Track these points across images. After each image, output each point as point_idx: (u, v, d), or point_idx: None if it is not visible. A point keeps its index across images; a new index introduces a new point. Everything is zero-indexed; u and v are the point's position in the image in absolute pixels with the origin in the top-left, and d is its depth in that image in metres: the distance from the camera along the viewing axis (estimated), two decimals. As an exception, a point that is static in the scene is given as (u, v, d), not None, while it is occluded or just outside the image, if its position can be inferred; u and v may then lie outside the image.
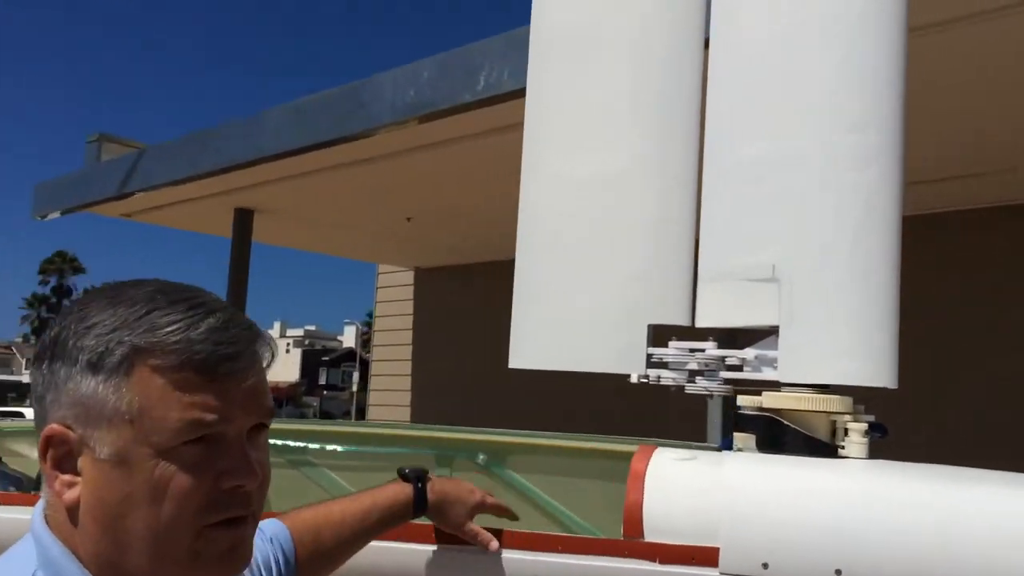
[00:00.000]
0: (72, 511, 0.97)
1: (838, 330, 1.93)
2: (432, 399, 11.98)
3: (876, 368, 1.88)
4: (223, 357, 0.96)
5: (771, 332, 2.02)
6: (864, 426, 1.90)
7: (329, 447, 2.04)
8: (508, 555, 1.67)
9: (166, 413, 0.94)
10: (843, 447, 1.90)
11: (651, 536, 1.61)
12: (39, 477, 2.12)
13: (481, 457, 1.94)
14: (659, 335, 2.14)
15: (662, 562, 1.60)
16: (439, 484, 1.70)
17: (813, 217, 1.96)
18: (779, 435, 1.92)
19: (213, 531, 0.97)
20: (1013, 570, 1.49)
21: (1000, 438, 6.42)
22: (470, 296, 11.83)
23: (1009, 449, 4.87)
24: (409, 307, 12.71)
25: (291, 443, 2.04)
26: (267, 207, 8.80)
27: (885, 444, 1.95)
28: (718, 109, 2.13)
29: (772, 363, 1.99)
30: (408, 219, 9.02)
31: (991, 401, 6.80)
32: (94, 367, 0.95)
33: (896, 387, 1.88)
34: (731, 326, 2.06)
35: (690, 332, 2.12)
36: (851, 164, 1.93)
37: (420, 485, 1.67)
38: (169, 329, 0.96)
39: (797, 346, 1.94)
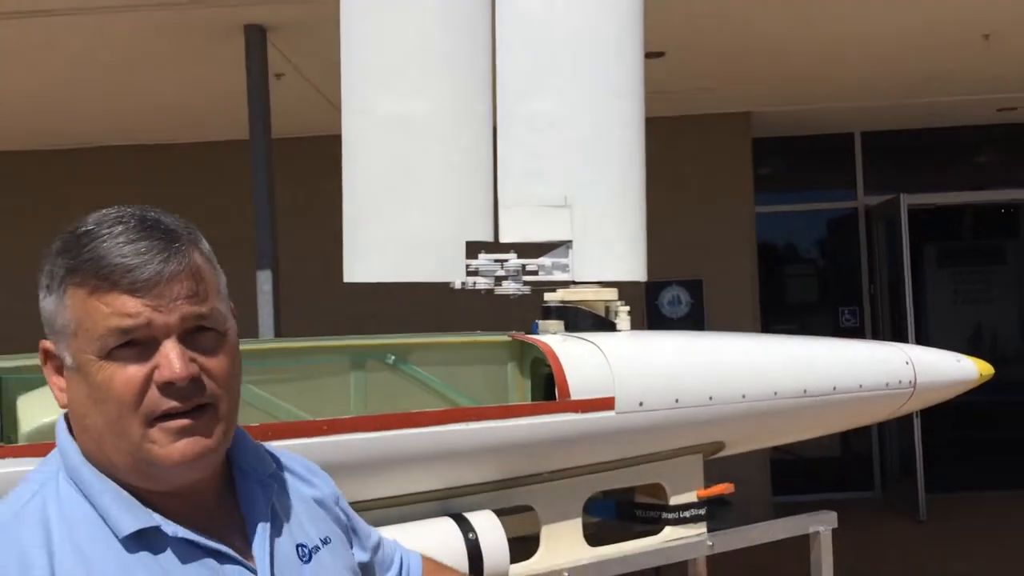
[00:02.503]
0: (67, 412, 1.11)
1: (612, 242, 2.73)
2: None
3: (635, 267, 2.74)
4: (127, 268, 1.03)
5: (560, 245, 2.74)
6: (628, 308, 2.75)
7: (251, 364, 2.19)
8: (499, 424, 2.16)
9: (94, 323, 1.04)
10: (616, 323, 2.73)
11: (575, 395, 2.27)
12: None
13: (391, 358, 2.32)
14: (469, 249, 2.70)
15: (583, 411, 2.27)
16: None
17: (592, 161, 2.72)
18: (579, 318, 2.68)
19: (158, 425, 1.05)
20: (762, 381, 2.51)
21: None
22: None
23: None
24: None
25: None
26: None
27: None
28: (507, 69, 2.72)
29: (563, 268, 2.72)
30: None
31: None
32: (48, 289, 1.08)
33: (645, 280, 2.77)
34: (531, 241, 2.72)
35: (495, 247, 2.73)
36: (618, 123, 2.73)
37: None
38: (87, 248, 1.05)
39: (585, 253, 2.70)
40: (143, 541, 1.05)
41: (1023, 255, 9.45)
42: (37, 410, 1.82)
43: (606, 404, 2.30)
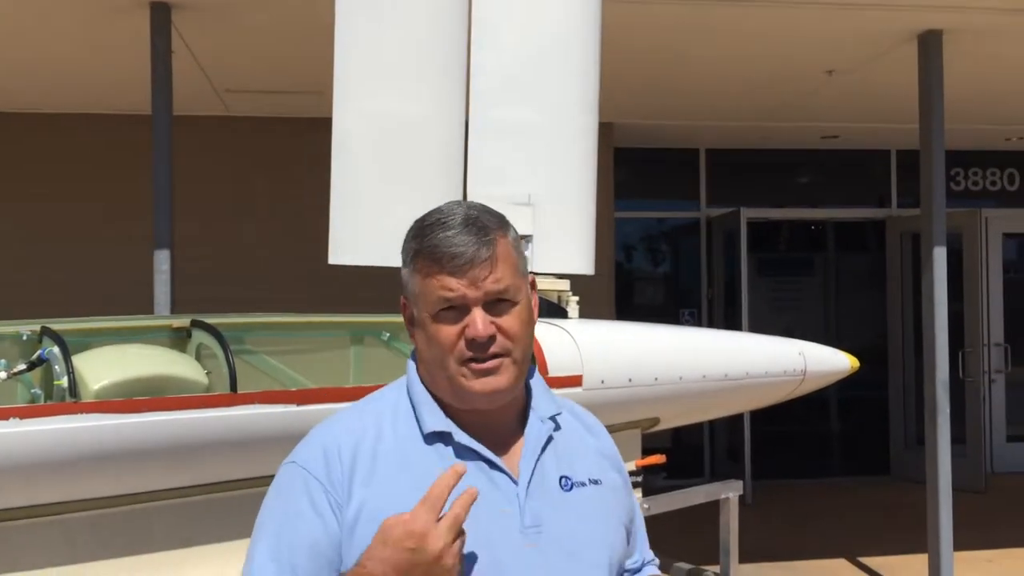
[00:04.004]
0: (415, 353, 1.56)
1: (566, 238, 3.05)
2: None
3: (585, 262, 3.08)
4: (450, 256, 1.45)
5: (521, 238, 3.03)
6: (577, 298, 3.08)
7: (264, 336, 2.37)
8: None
9: (429, 293, 1.47)
10: (568, 311, 3.06)
11: (552, 372, 2.57)
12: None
13: (385, 335, 2.55)
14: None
15: (557, 387, 2.57)
16: None
17: (553, 166, 3.03)
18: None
19: (467, 366, 1.47)
20: (695, 366, 2.90)
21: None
22: None
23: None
24: None
25: (234, 334, 2.30)
26: None
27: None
28: (480, 79, 3.00)
29: (523, 259, 3.01)
30: None
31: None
32: (404, 262, 1.53)
33: (593, 274, 3.11)
34: (495, 234, 3.00)
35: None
36: (576, 135, 3.05)
37: None
38: (427, 238, 1.48)
39: (543, 248, 3.01)
40: (438, 438, 1.49)
41: (828, 267, 10.50)
42: (101, 370, 1.94)
43: (575, 381, 2.62)
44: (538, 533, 1.47)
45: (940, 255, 5.61)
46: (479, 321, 1.45)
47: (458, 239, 1.46)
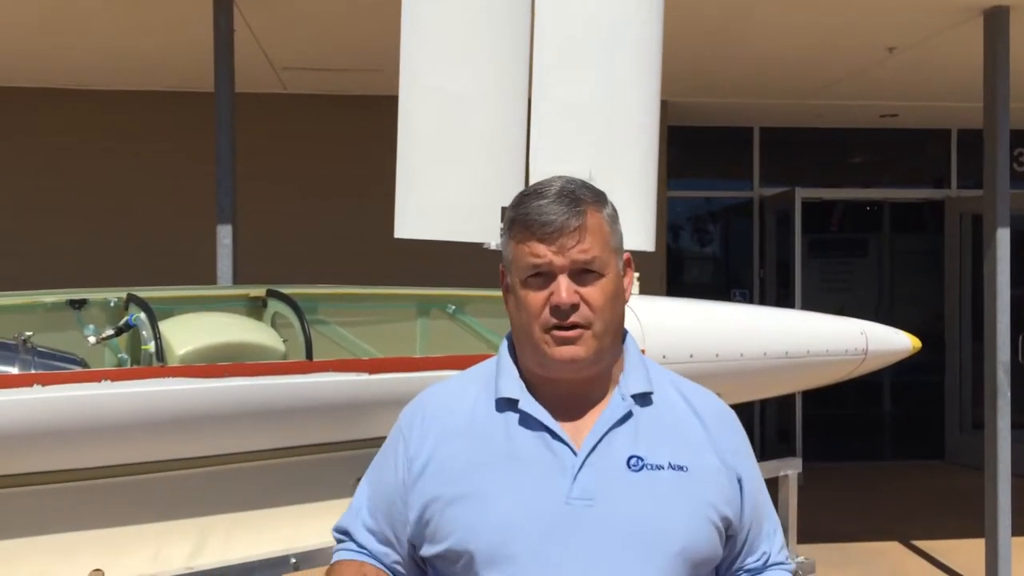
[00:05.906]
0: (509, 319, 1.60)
1: (626, 214, 3.06)
2: None
3: (646, 239, 3.09)
4: (541, 223, 1.49)
5: (583, 214, 3.05)
6: (637, 274, 3.10)
7: (335, 306, 2.43)
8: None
9: (520, 259, 1.51)
10: (628, 287, 3.08)
11: (616, 346, 2.60)
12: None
13: (451, 307, 2.59)
14: (503, 214, 2.99)
15: (621, 361, 2.60)
16: None
17: (615, 141, 3.05)
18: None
19: (550, 333, 1.50)
20: (756, 345, 2.91)
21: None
22: None
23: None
24: None
25: (308, 304, 2.37)
26: None
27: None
28: (543, 55, 3.02)
29: (584, 235, 3.04)
30: None
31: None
32: (503, 231, 1.59)
33: (653, 250, 3.12)
34: (557, 209, 3.03)
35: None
36: (638, 111, 3.06)
37: None
38: (522, 206, 1.53)
39: (604, 224, 3.03)
40: (507, 404, 1.54)
41: (883, 249, 10.36)
42: (185, 336, 2.01)
43: (639, 355, 2.65)
44: (588, 507, 1.44)
45: (1003, 236, 5.52)
46: (563, 288, 1.47)
47: (550, 208, 1.49)
